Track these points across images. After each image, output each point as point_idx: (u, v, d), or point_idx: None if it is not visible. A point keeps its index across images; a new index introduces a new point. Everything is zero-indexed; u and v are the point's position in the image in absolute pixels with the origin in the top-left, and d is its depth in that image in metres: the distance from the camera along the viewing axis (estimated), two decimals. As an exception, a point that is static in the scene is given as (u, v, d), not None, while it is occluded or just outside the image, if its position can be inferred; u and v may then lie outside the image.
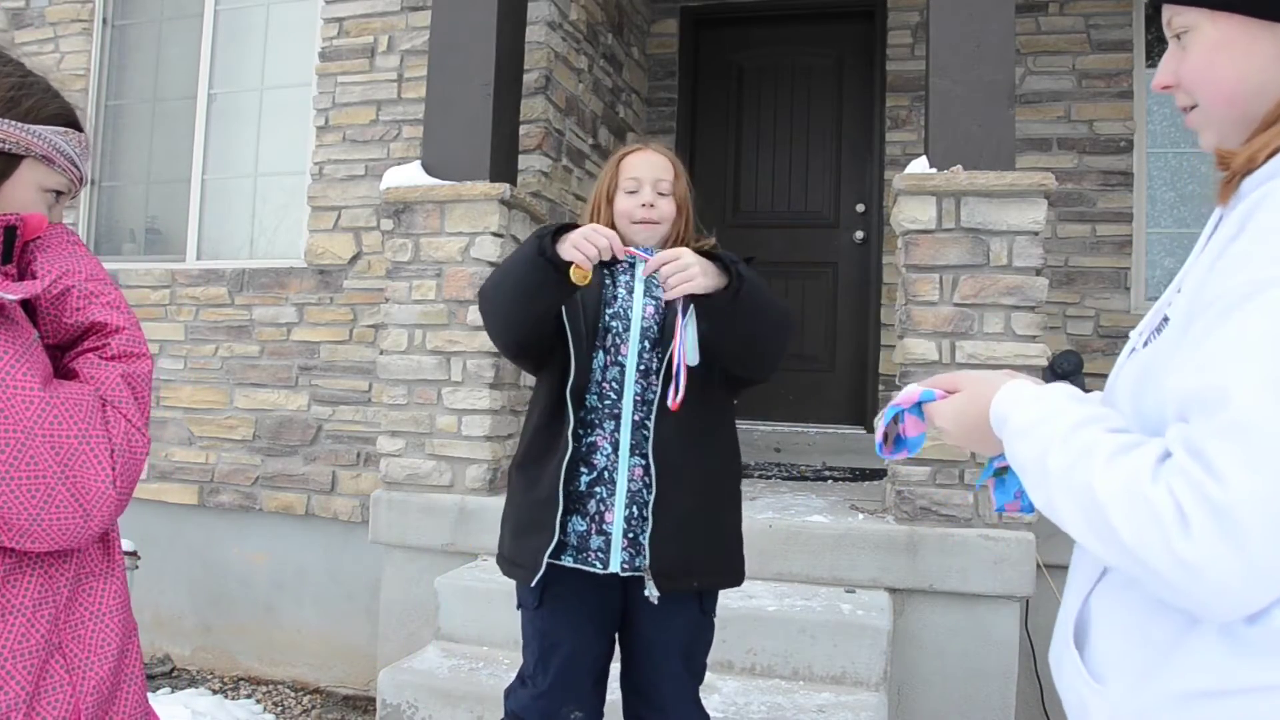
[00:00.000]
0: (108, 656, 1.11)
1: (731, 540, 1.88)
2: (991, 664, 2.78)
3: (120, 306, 1.18)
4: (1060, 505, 0.87)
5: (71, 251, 1.17)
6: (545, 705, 1.81)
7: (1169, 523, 0.77)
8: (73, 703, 1.06)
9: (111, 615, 1.13)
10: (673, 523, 1.72)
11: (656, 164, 1.88)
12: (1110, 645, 0.93)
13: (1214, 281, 0.82)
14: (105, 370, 1.12)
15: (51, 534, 1.01)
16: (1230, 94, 0.91)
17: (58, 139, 1.16)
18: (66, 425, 1.02)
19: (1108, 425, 0.89)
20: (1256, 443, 0.75)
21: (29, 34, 4.71)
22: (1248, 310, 0.77)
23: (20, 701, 1.01)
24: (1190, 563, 0.76)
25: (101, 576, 1.14)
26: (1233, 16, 0.90)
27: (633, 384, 1.78)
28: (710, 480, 1.82)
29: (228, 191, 4.50)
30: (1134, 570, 0.82)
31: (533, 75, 3.83)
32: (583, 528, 1.77)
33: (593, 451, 1.78)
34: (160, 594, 4.28)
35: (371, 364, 3.97)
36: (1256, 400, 0.75)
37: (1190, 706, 0.84)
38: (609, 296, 1.84)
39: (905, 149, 4.64)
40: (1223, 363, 0.78)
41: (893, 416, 1.15)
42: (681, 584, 1.75)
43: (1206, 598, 0.77)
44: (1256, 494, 0.74)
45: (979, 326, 2.86)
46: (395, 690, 2.62)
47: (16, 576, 1.04)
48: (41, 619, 1.05)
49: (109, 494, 1.05)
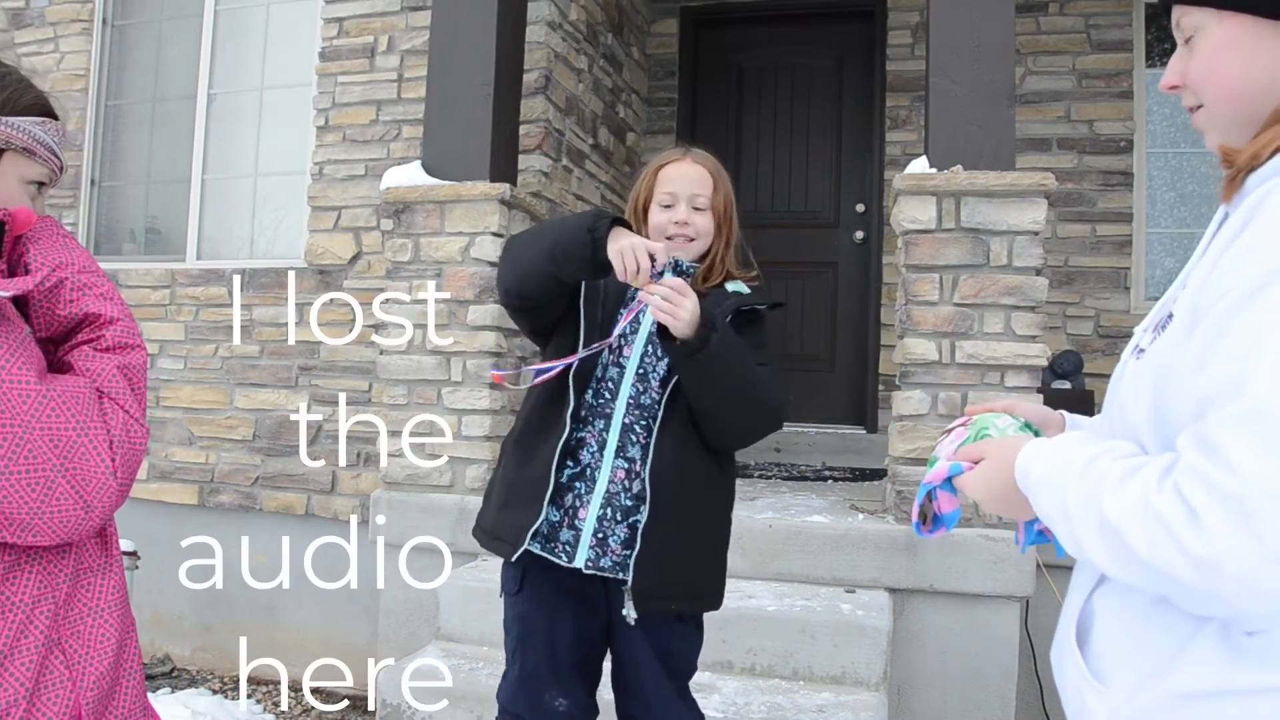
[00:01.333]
0: (107, 652, 1.11)
1: (716, 568, 1.85)
2: (991, 664, 2.78)
3: (114, 298, 1.17)
4: (1084, 541, 0.86)
5: (64, 243, 1.16)
6: (528, 691, 1.80)
7: (1179, 525, 0.77)
8: (73, 698, 1.06)
9: (110, 610, 1.13)
10: (663, 548, 1.70)
11: (694, 177, 1.81)
12: (1111, 645, 0.93)
13: (1220, 277, 0.82)
14: (101, 362, 1.12)
15: (53, 527, 1.01)
16: (1234, 93, 0.92)
17: (36, 129, 1.15)
18: (64, 418, 1.02)
19: (1116, 454, 0.88)
20: (1269, 428, 0.74)
21: (29, 34, 4.71)
22: (1258, 303, 0.77)
23: (20, 698, 1.01)
24: (1206, 560, 0.75)
25: (100, 572, 1.14)
26: (1240, 16, 0.90)
27: (629, 386, 1.76)
28: (705, 511, 1.80)
29: (228, 191, 4.50)
30: (1164, 588, 0.81)
31: (533, 75, 3.83)
32: (555, 518, 1.76)
33: (580, 447, 1.77)
34: (160, 594, 4.27)
35: (371, 364, 3.97)
36: (1269, 388, 0.74)
37: (1189, 707, 0.84)
38: (629, 300, 1.81)
39: (905, 149, 4.64)
40: (1236, 356, 0.77)
41: (925, 494, 1.15)
42: (659, 606, 1.74)
43: (1232, 595, 0.76)
44: (1271, 478, 0.73)
45: (979, 326, 2.86)
46: (395, 690, 2.62)
47: (16, 573, 1.04)
48: (41, 615, 1.05)
49: (110, 485, 1.05)
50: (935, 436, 2.91)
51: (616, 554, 1.74)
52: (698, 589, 1.80)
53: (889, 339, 4.53)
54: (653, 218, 1.83)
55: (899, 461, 2.91)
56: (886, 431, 3.13)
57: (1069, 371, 3.92)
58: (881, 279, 4.76)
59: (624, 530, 1.74)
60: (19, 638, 1.02)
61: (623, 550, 1.73)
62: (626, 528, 1.74)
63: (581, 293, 1.79)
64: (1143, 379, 0.91)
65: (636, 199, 1.87)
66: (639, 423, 1.76)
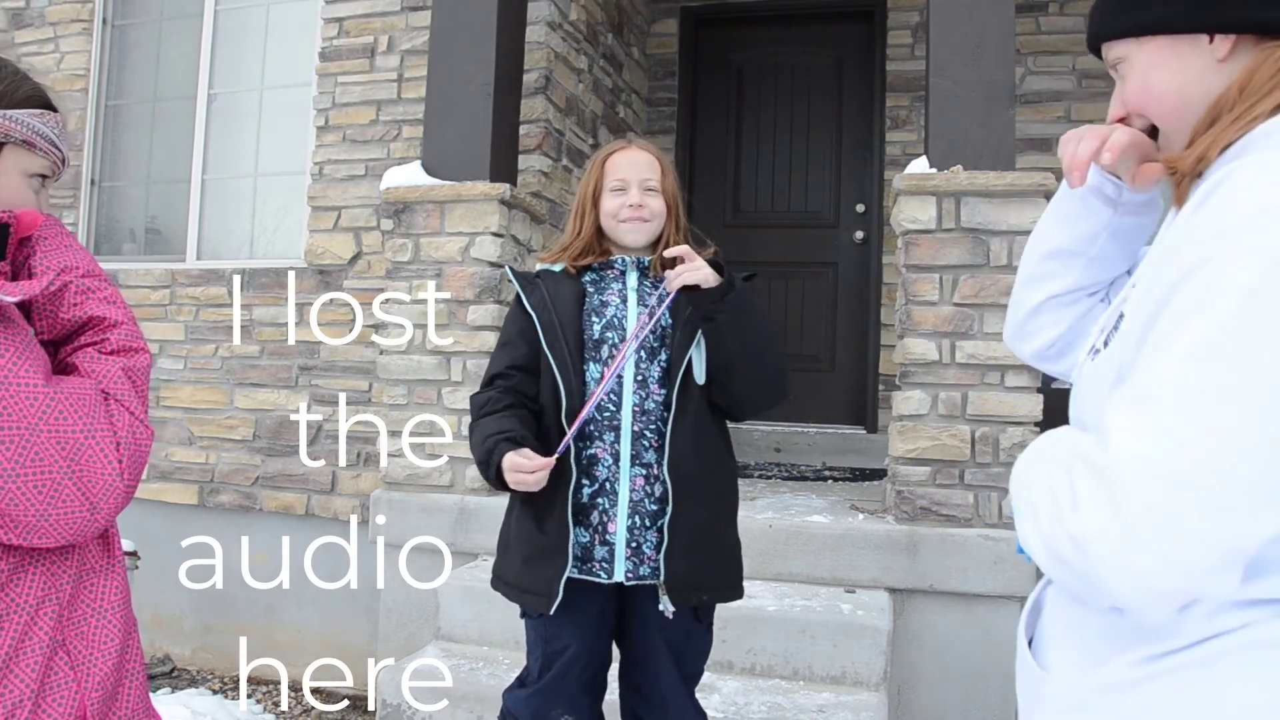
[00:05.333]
0: (111, 652, 1.11)
1: (734, 554, 1.88)
2: (991, 664, 2.78)
3: (117, 301, 1.17)
4: (1020, 523, 0.87)
5: (68, 245, 1.16)
6: (537, 705, 1.82)
7: (1065, 503, 0.77)
8: (78, 699, 1.06)
9: (113, 611, 1.13)
10: (688, 538, 1.73)
11: (642, 163, 1.85)
12: (1052, 635, 0.96)
13: (1159, 271, 0.83)
14: (106, 364, 1.12)
15: (58, 529, 1.01)
16: (1175, 107, 0.95)
17: (35, 121, 1.14)
18: (71, 420, 1.02)
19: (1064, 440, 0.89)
20: (1153, 408, 0.74)
21: (29, 34, 4.71)
22: (1181, 290, 0.77)
23: (25, 699, 1.01)
24: (1078, 536, 0.75)
25: (102, 573, 1.14)
26: (1157, 38, 0.94)
27: (631, 395, 1.77)
28: (720, 496, 1.83)
29: (228, 191, 4.50)
30: (1062, 575, 0.81)
31: (533, 75, 3.83)
32: (586, 539, 1.76)
33: (594, 464, 1.77)
34: (160, 594, 4.27)
35: (371, 364, 3.97)
36: (1164, 370, 0.75)
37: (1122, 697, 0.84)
38: (595, 305, 1.82)
39: (905, 149, 4.64)
40: (1153, 344, 0.78)
41: None
42: (689, 598, 1.76)
43: (1104, 577, 0.75)
44: (1137, 456, 0.73)
45: (979, 326, 2.86)
46: (395, 690, 2.62)
47: (20, 575, 1.04)
48: (45, 616, 1.05)
49: (116, 486, 1.05)
50: (935, 436, 2.92)
51: (652, 560, 1.74)
52: (722, 578, 1.83)
53: (889, 339, 4.53)
54: (605, 204, 1.85)
55: (899, 461, 2.91)
56: (886, 431, 3.13)
57: (1069, 371, 3.92)
58: (881, 279, 4.76)
59: (654, 535, 1.75)
60: (23, 639, 1.02)
61: (657, 555, 1.74)
62: (656, 532, 1.75)
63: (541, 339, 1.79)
64: (1098, 379, 0.92)
65: (586, 190, 1.89)
66: (648, 428, 1.77)
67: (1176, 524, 0.70)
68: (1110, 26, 0.99)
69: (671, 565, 1.72)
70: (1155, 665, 0.81)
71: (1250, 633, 0.78)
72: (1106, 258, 1.09)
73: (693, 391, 1.76)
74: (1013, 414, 2.82)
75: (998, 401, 2.83)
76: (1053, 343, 1.14)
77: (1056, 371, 1.17)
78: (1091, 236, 1.08)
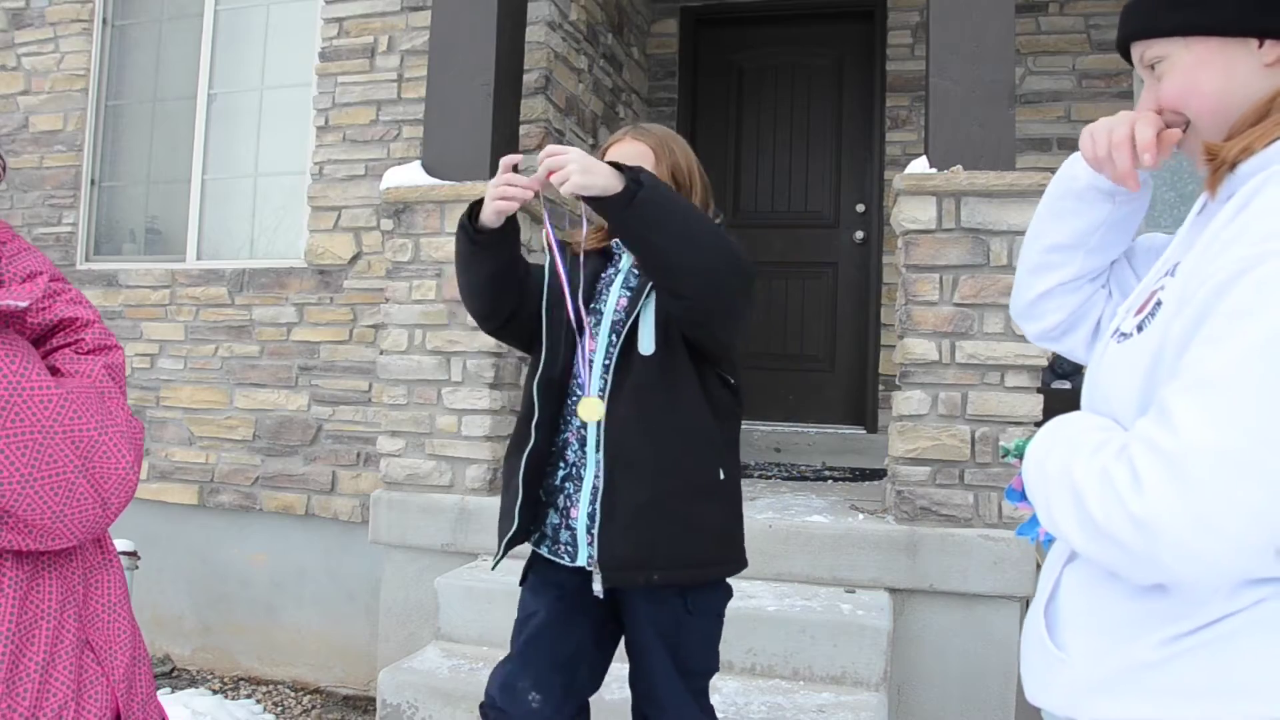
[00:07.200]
0: (125, 645, 1.13)
1: (705, 532, 1.75)
2: (991, 664, 2.78)
3: (83, 301, 1.18)
4: (1056, 507, 0.89)
5: (28, 249, 1.16)
6: (508, 671, 1.82)
7: (1125, 486, 0.79)
8: (109, 693, 1.08)
9: (120, 605, 1.15)
10: (623, 515, 1.69)
11: (633, 154, 1.82)
12: (1072, 616, 0.97)
13: (1207, 263, 0.85)
14: (88, 364, 1.12)
15: (72, 529, 1.01)
16: (1216, 106, 0.96)
17: None
18: (85, 418, 1.02)
19: (1098, 426, 0.91)
20: (1218, 397, 0.76)
21: (29, 34, 4.71)
22: (1241, 284, 0.79)
23: (69, 700, 1.02)
24: (1143, 519, 0.77)
25: (102, 569, 1.15)
26: (1207, 40, 0.95)
27: (598, 378, 1.76)
28: (671, 471, 1.72)
29: (228, 191, 4.50)
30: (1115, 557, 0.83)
31: (533, 75, 3.83)
32: (556, 521, 1.81)
33: (566, 447, 1.80)
34: (160, 594, 4.28)
35: (371, 364, 3.97)
36: (1229, 361, 0.77)
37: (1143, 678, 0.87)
38: (598, 290, 1.85)
39: (905, 149, 4.64)
40: (1210, 338, 0.80)
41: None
42: (633, 577, 1.70)
43: (1169, 559, 0.78)
44: (1209, 444, 0.75)
45: (979, 326, 2.86)
46: (395, 690, 2.62)
47: (38, 581, 1.04)
48: (69, 618, 1.06)
49: (130, 479, 1.05)
50: (935, 436, 2.92)
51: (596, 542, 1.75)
52: (684, 556, 1.71)
53: (889, 339, 4.53)
54: None
55: (899, 461, 2.91)
56: (886, 431, 3.13)
57: (1069, 371, 3.93)
58: (881, 279, 4.77)
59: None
60: (55, 644, 1.03)
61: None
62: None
63: (545, 300, 1.81)
64: (1130, 363, 0.93)
65: None
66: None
67: (1241, 507, 0.74)
68: (1158, 25, 0.99)
69: (606, 543, 1.69)
70: (1179, 644, 0.85)
71: (1264, 608, 0.82)
72: (1105, 246, 1.16)
73: (635, 364, 1.72)
74: (1013, 414, 2.83)
75: (998, 401, 2.83)
76: (1058, 324, 1.21)
77: (1057, 349, 1.25)
78: (1090, 230, 1.14)
